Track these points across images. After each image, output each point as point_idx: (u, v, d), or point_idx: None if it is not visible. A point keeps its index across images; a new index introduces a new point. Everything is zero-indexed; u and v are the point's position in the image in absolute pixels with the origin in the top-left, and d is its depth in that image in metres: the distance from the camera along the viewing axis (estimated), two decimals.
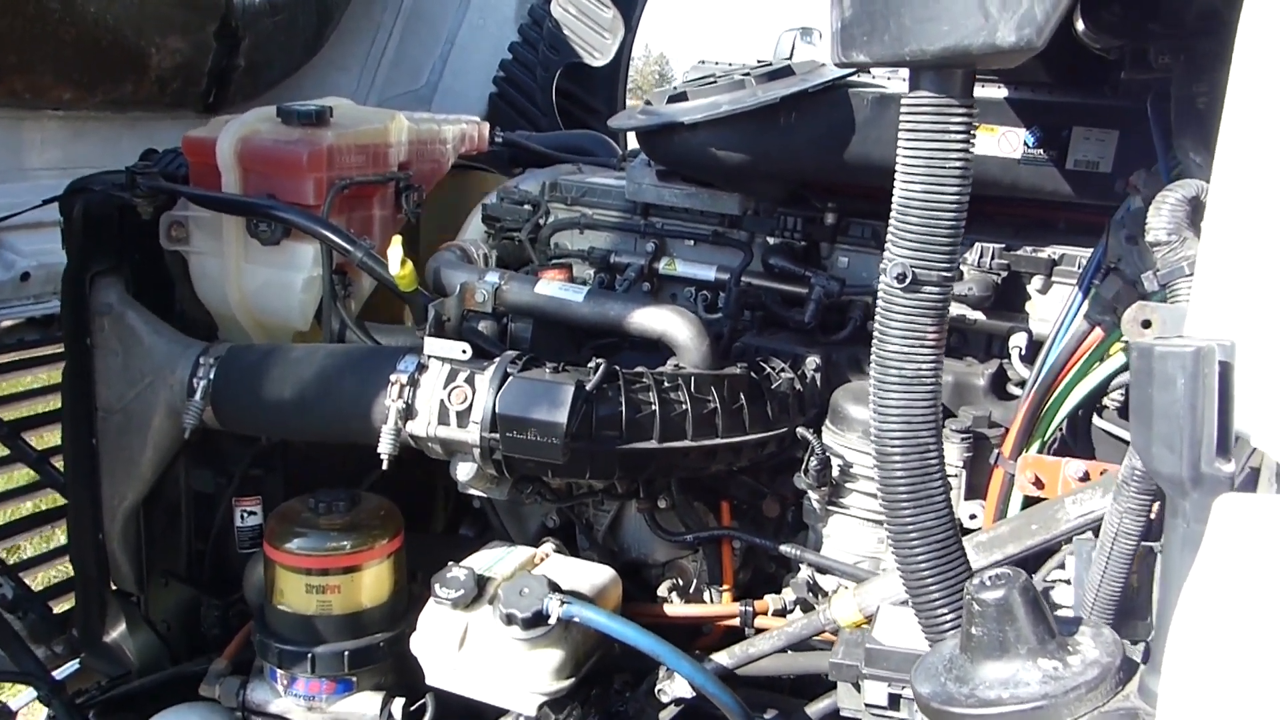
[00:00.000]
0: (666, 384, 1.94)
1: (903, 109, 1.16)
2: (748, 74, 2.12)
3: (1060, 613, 1.29)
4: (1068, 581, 1.51)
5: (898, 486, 1.21)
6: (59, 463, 2.64)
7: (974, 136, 1.15)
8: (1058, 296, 2.04)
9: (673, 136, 2.03)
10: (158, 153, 2.32)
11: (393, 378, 1.90)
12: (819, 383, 2.14)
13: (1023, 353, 2.04)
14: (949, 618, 1.23)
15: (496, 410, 1.84)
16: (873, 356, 1.20)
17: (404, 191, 2.33)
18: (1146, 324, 1.03)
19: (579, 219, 2.45)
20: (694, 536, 2.14)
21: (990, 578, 1.07)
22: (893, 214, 1.18)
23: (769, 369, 2.08)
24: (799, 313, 2.19)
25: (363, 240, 2.08)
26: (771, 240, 2.28)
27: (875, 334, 1.20)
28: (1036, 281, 2.06)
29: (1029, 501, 1.77)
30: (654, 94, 2.22)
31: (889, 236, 1.17)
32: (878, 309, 1.20)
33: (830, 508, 2.05)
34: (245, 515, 2.39)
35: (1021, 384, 2.09)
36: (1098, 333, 1.68)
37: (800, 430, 2.01)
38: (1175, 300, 1.11)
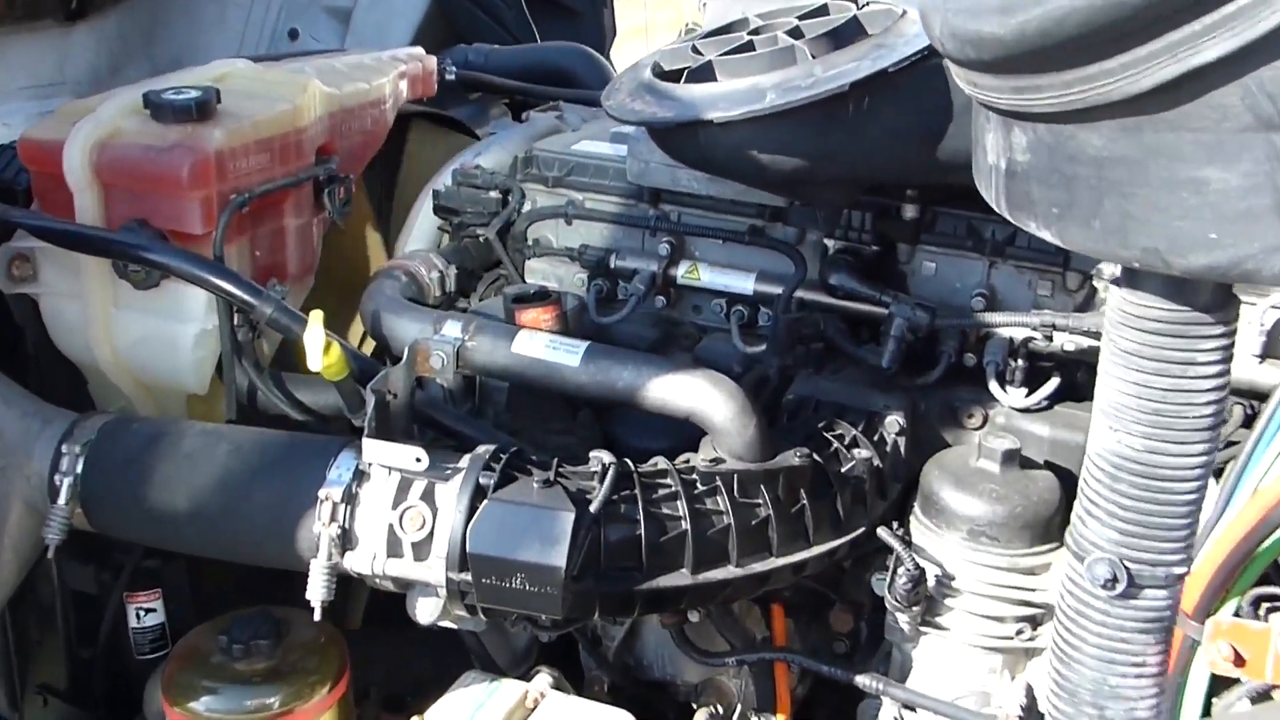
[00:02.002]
0: (701, 487, 1.68)
1: (1112, 316, 0.81)
2: (796, 29, 1.74)
3: None
4: None
5: None
6: None
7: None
8: None
9: (697, 134, 1.73)
10: None
11: (322, 493, 1.63)
12: (903, 448, 1.90)
13: None
14: None
15: (468, 547, 1.58)
16: (1051, 677, 0.88)
17: (327, 187, 1.97)
18: None
19: (565, 206, 2.17)
20: (738, 659, 1.86)
21: None
22: (1089, 474, 0.85)
23: (836, 443, 1.83)
24: (872, 351, 1.94)
25: (271, 287, 1.80)
26: (830, 243, 2.01)
27: (1055, 646, 0.88)
28: None
29: (1218, 679, 1.48)
30: (664, 54, 1.86)
31: (1080, 509, 0.84)
32: (1058, 615, 0.87)
33: (923, 628, 1.81)
34: (141, 614, 2.14)
35: None
36: None
37: (883, 533, 1.76)
38: None
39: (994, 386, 1.90)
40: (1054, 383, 1.90)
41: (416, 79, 2.38)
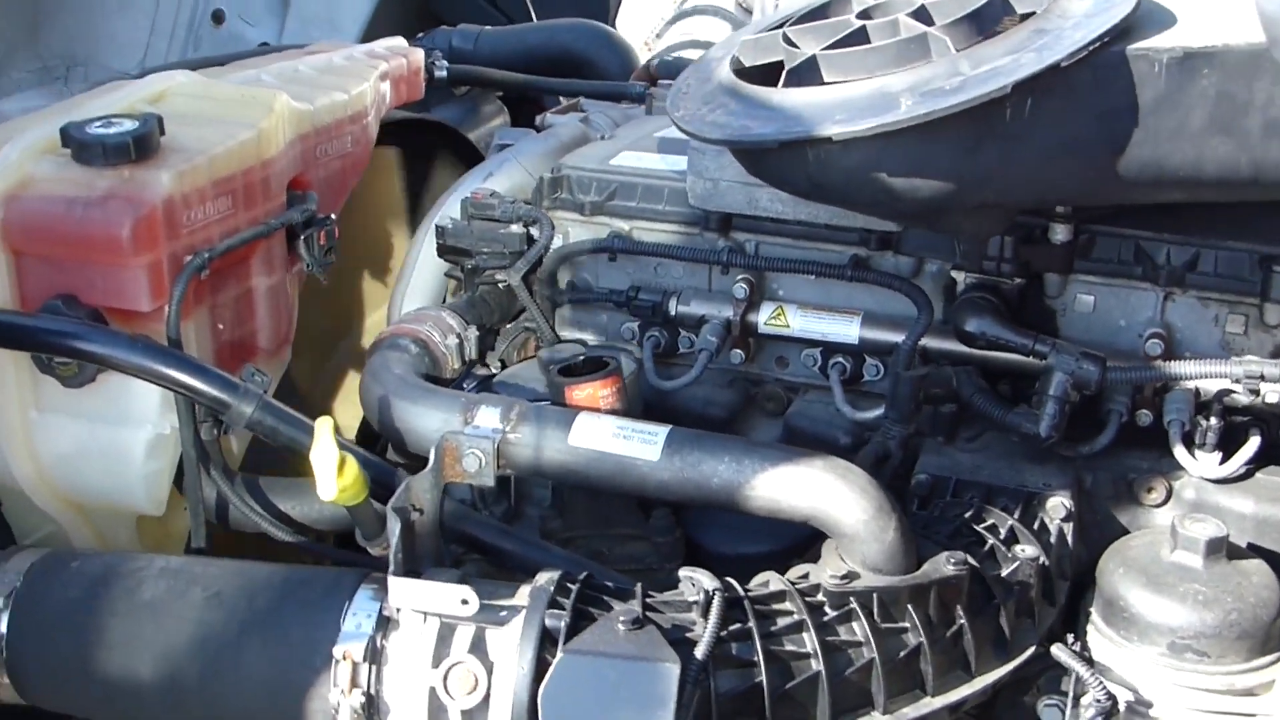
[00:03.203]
0: (831, 612, 1.59)
1: None
2: (922, 10, 1.68)
3: None
4: None
5: None
6: None
7: None
8: None
9: (805, 154, 1.62)
10: None
11: (338, 650, 1.53)
12: (1069, 538, 1.82)
13: None
14: None
15: (541, 717, 1.46)
16: None
17: (304, 232, 1.95)
18: None
19: (609, 239, 2.11)
20: None
21: None
22: None
23: (991, 538, 1.74)
24: (1026, 416, 1.84)
25: (249, 376, 1.76)
26: (960, 278, 1.95)
27: None
28: None
29: None
30: (745, 45, 1.78)
31: None
32: None
33: None
34: None
35: None
36: None
37: (1060, 652, 1.66)
38: None
39: (1180, 452, 1.82)
40: (1254, 443, 1.82)
41: (400, 79, 2.26)
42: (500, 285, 2.08)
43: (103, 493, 1.83)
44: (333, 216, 2.00)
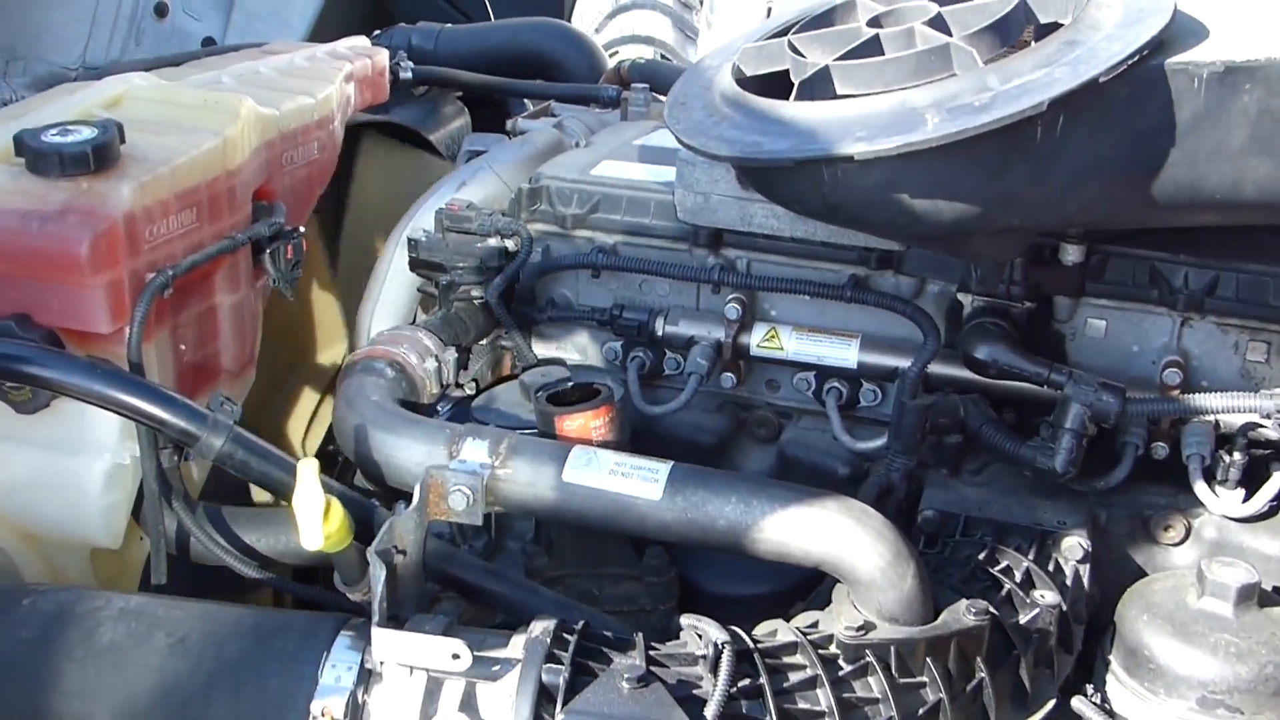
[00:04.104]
0: (846, 666, 1.52)
1: None
2: (938, 19, 1.61)
3: None
4: None
5: None
6: None
7: None
8: None
9: (821, 173, 1.54)
10: None
11: (316, 706, 1.45)
12: (1085, 580, 1.75)
13: None
14: None
15: None
16: None
17: (270, 246, 1.87)
18: None
19: (592, 254, 2.03)
20: None
21: None
22: None
23: (1008, 582, 1.66)
24: (1039, 449, 1.77)
25: (219, 405, 1.61)
26: (967, 301, 1.88)
27: None
28: None
29: None
30: (746, 53, 1.70)
31: None
32: None
33: None
34: None
35: None
36: None
37: (1081, 706, 1.63)
38: None
39: (1200, 488, 1.76)
40: (1278, 480, 1.76)
41: (365, 81, 2.16)
42: (476, 302, 1.99)
43: (57, 524, 1.75)
44: (300, 229, 1.92)
